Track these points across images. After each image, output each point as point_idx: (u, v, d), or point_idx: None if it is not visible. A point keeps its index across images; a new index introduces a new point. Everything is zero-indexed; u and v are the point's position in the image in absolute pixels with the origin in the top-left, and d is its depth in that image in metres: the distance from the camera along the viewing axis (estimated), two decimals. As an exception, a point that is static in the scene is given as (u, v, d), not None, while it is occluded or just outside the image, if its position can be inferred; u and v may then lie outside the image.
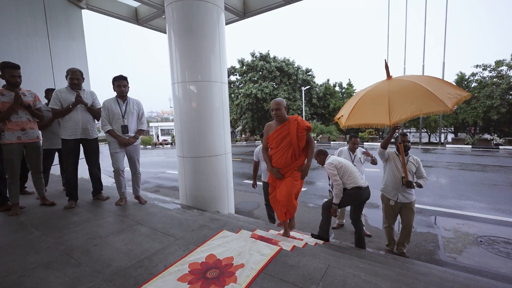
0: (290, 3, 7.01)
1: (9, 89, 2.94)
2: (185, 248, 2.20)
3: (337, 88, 27.17)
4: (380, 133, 23.30)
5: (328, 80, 27.70)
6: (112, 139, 3.26)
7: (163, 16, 7.49)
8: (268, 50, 26.35)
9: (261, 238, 2.58)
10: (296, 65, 26.67)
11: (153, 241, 2.34)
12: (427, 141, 20.64)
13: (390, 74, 2.64)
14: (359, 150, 3.91)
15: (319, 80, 28.90)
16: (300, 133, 2.70)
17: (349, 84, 26.22)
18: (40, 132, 3.31)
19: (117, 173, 3.37)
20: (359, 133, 21.52)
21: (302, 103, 24.94)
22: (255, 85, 24.82)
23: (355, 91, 25.58)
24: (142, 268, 1.90)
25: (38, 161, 3.21)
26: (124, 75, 3.29)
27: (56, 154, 4.02)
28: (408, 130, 22.49)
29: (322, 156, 3.27)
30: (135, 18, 8.08)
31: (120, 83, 3.23)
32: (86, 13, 7.43)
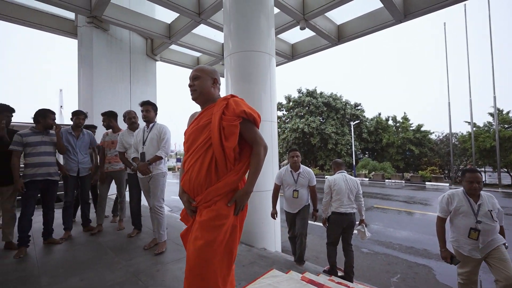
0: (336, 45, 7.32)
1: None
2: (237, 283, 2.25)
3: (390, 122, 25.66)
4: (446, 172, 20.44)
5: (379, 114, 26.52)
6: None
7: (221, 63, 8.54)
8: (315, 87, 26.87)
9: (312, 282, 2.47)
10: (344, 99, 26.42)
11: (206, 272, 2.45)
12: (510, 182, 16.71)
13: None
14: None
15: (369, 114, 27.69)
16: (227, 122, 1.40)
17: (405, 118, 24.45)
18: (122, 164, 3.71)
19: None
20: (419, 172, 19.23)
21: (351, 137, 24.04)
22: (301, 120, 25.05)
23: (412, 125, 23.58)
24: (197, 298, 2.00)
25: (120, 187, 3.97)
26: (151, 101, 3.17)
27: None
28: (483, 169, 18.59)
29: (339, 167, 3.42)
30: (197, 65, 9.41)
31: (143, 108, 3.10)
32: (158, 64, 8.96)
